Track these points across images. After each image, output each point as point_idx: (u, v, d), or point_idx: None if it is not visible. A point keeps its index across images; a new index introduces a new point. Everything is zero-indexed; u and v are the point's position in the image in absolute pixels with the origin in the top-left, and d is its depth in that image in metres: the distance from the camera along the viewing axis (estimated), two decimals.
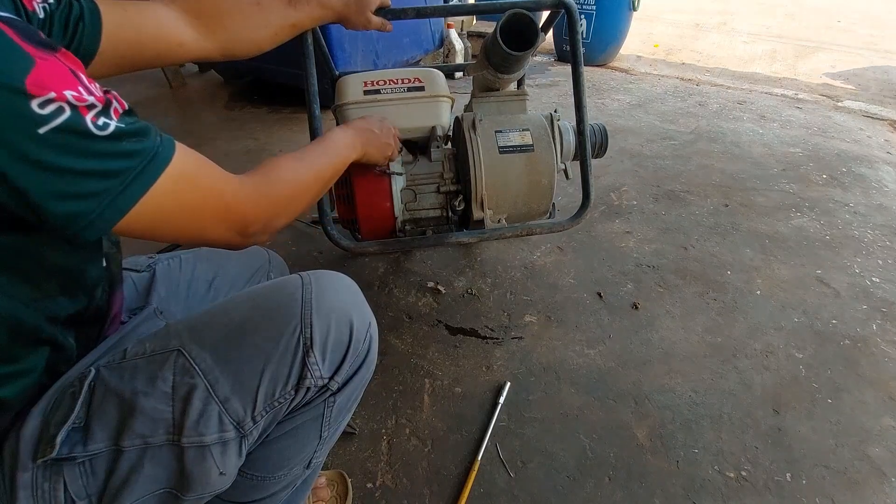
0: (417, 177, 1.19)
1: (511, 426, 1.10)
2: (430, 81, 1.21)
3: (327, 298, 0.60)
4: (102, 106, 0.43)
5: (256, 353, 0.56)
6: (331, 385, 0.61)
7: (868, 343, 1.31)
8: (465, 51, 3.18)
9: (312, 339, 0.57)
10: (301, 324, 0.57)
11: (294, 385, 0.57)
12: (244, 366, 0.55)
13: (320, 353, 0.58)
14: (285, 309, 0.58)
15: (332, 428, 0.68)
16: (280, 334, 0.56)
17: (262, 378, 0.55)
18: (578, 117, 1.15)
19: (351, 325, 0.61)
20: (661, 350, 1.29)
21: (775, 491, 0.98)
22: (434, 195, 1.20)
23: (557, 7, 1.04)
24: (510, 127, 1.18)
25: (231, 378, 0.55)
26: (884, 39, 4.79)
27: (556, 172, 1.19)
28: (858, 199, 1.96)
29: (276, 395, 0.56)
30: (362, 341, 0.63)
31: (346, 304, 0.62)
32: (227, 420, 0.54)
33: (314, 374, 0.58)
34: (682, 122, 2.67)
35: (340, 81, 1.21)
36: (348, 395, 0.65)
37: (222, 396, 0.54)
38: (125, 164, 0.45)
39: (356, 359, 0.63)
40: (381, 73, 1.22)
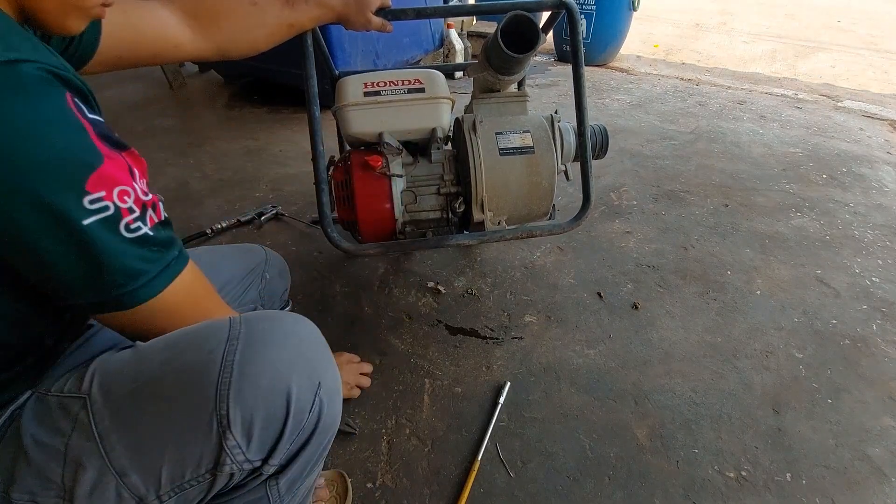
0: (418, 178, 1.19)
1: (511, 426, 1.09)
2: (431, 83, 1.21)
3: (258, 362, 0.48)
4: (140, 212, 0.49)
5: (162, 423, 0.47)
6: (264, 469, 0.51)
7: (868, 343, 1.31)
8: (465, 51, 3.18)
9: (229, 419, 0.47)
10: (217, 399, 0.47)
11: (209, 469, 0.49)
12: (146, 437, 0.47)
13: (242, 435, 0.48)
14: (201, 373, 0.48)
15: (286, 499, 0.59)
16: (192, 406, 0.47)
17: (165, 455, 0.47)
18: (579, 119, 1.15)
19: (288, 396, 0.49)
20: (661, 350, 1.29)
21: (775, 491, 0.98)
22: (434, 197, 1.20)
23: (559, 7, 1.04)
24: (511, 129, 1.18)
25: (130, 449, 0.47)
26: (884, 39, 4.79)
27: (556, 174, 1.19)
28: (858, 199, 1.96)
29: (186, 477, 0.48)
30: (307, 412, 0.51)
31: (282, 367, 0.50)
32: (128, 495, 0.47)
33: (236, 459, 0.48)
34: (682, 122, 2.67)
35: (340, 82, 1.20)
36: (298, 471, 0.57)
37: (119, 468, 0.46)
38: (143, 267, 0.50)
39: (300, 433, 0.52)
40: (381, 74, 1.21)
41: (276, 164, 2.13)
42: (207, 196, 1.91)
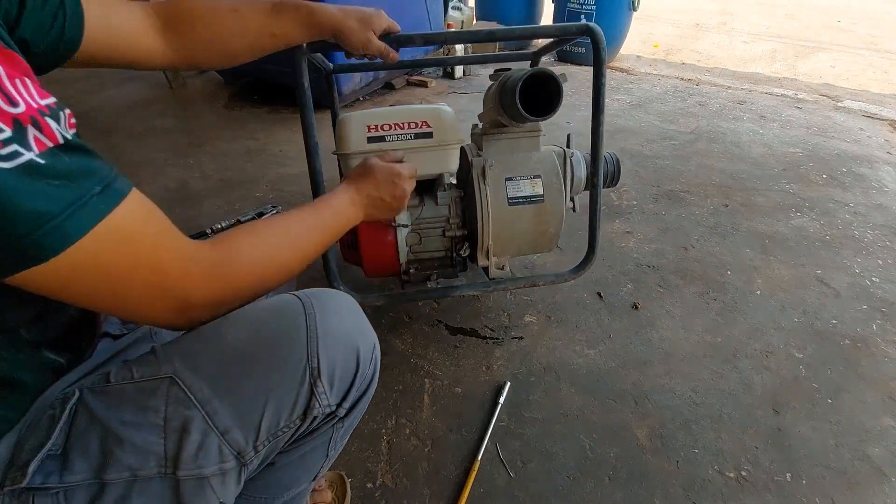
0: (423, 220, 1.17)
1: (511, 426, 1.09)
2: (439, 126, 1.09)
3: (333, 326, 0.57)
4: (12, 131, 0.36)
5: (259, 383, 0.53)
6: (338, 412, 0.59)
7: (868, 343, 1.31)
8: (465, 51, 3.18)
9: (320, 369, 0.55)
10: (308, 355, 0.54)
11: (300, 414, 0.55)
12: (246, 396, 0.52)
13: (328, 383, 0.56)
14: (289, 338, 0.55)
15: (338, 447, 0.67)
16: (284, 364, 0.54)
17: (265, 408, 0.53)
18: (593, 169, 1.12)
19: (357, 352, 0.59)
20: (661, 350, 1.29)
21: (775, 491, 0.98)
22: (439, 238, 1.19)
23: (583, 34, 0.96)
24: (521, 173, 1.14)
25: (231, 409, 0.51)
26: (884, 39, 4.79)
27: (564, 216, 1.19)
28: (858, 199, 1.96)
29: (281, 424, 0.54)
30: (368, 365, 0.61)
31: (351, 330, 0.59)
32: (228, 450, 0.52)
33: (322, 403, 0.56)
34: (682, 122, 2.67)
35: (341, 123, 1.08)
36: (355, 417, 0.65)
37: (222, 427, 0.51)
38: (41, 207, 0.37)
39: (363, 383, 0.61)
40: (385, 114, 1.09)
41: (276, 164, 2.14)
42: (207, 196, 1.91)
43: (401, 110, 1.09)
